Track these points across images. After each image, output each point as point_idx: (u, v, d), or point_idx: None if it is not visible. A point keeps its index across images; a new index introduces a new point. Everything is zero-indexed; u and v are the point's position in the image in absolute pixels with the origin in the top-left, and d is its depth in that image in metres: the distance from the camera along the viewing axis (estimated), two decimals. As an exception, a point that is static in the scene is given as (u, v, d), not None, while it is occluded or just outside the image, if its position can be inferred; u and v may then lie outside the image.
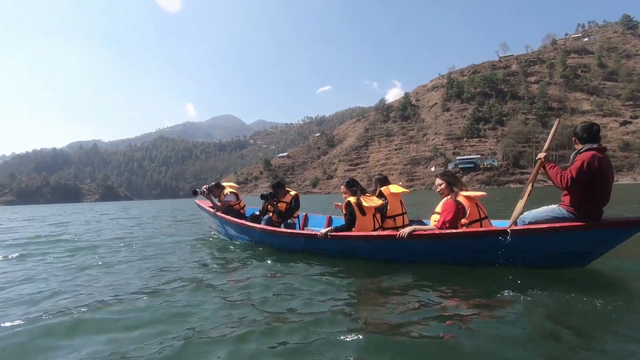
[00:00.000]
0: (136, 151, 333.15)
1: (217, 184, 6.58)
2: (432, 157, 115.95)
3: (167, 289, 3.21)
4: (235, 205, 6.31)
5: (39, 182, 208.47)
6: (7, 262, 5.05)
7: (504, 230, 3.37)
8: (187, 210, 20.55)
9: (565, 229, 3.18)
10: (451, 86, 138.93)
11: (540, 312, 2.37)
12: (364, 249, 4.14)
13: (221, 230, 6.41)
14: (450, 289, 2.97)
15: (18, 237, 8.43)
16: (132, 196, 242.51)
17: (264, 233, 5.15)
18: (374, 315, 2.42)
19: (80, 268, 4.38)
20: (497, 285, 2.99)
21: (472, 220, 3.53)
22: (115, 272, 4.09)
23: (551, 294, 2.69)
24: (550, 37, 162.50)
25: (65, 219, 16.13)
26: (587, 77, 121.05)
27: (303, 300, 2.79)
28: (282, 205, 5.73)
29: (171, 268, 4.18)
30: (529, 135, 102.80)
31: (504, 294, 2.73)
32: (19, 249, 6.22)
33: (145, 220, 13.47)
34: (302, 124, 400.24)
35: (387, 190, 4.44)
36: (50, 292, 3.27)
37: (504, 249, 3.37)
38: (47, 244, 6.91)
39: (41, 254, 5.54)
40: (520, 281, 3.03)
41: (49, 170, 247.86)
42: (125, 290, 3.29)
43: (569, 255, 3.34)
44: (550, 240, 3.27)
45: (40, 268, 4.47)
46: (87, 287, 3.47)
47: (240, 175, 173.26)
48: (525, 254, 3.39)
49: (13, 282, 3.76)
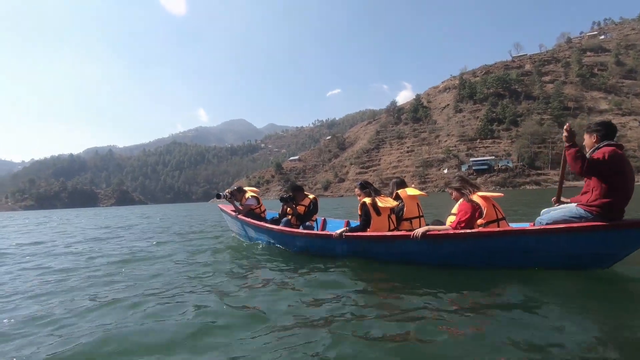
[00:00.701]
0: (150, 156, 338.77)
1: (239, 188, 6.74)
2: (445, 159, 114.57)
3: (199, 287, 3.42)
4: (256, 209, 6.49)
5: (57, 187, 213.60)
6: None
7: (522, 230, 3.32)
8: (205, 215, 20.66)
9: (587, 229, 3.06)
10: (463, 87, 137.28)
11: (557, 316, 2.31)
12: (379, 250, 4.12)
13: (242, 233, 6.56)
14: (462, 292, 2.90)
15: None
16: (146, 200, 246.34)
17: (282, 234, 5.28)
18: (390, 320, 2.37)
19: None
20: (513, 288, 2.93)
21: (489, 220, 3.48)
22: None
23: (570, 297, 2.67)
24: (565, 36, 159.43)
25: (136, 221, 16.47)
26: (605, 75, 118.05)
27: (313, 303, 2.81)
28: (301, 208, 5.83)
29: (196, 270, 4.31)
30: (544, 136, 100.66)
31: (522, 297, 2.69)
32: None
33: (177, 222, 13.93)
34: (313, 128, 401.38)
35: (403, 193, 4.46)
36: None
37: (522, 250, 3.31)
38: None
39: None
40: (540, 283, 2.96)
41: (66, 176, 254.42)
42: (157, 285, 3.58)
43: (590, 256, 3.21)
44: (572, 240, 3.16)
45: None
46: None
47: (252, 179, 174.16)
48: (544, 256, 3.30)
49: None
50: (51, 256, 6.03)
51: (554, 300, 2.56)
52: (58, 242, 8.19)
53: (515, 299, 2.67)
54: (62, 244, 7.86)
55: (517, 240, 3.32)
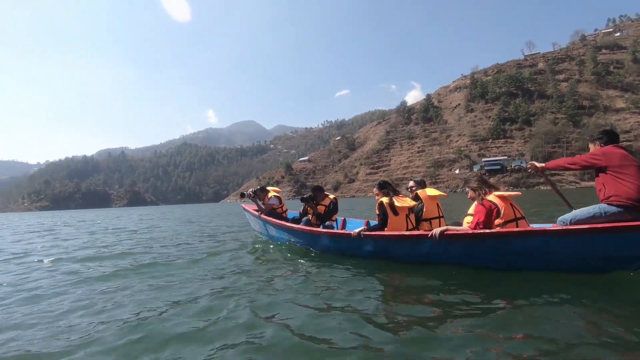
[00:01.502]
0: (161, 157, 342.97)
1: (262, 187, 6.93)
2: (456, 159, 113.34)
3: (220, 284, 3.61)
4: (278, 208, 6.66)
5: (71, 188, 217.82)
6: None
7: (543, 231, 3.19)
8: (222, 215, 20.74)
9: (619, 229, 2.86)
10: (475, 86, 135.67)
11: (584, 322, 2.23)
12: (397, 249, 4.12)
13: (264, 232, 6.74)
14: (480, 295, 2.81)
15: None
16: (157, 201, 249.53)
17: (302, 233, 5.38)
18: (406, 322, 2.36)
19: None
20: (533, 291, 2.82)
21: (507, 220, 3.41)
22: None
23: (601, 302, 2.58)
24: (579, 34, 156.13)
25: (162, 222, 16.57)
26: (621, 73, 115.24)
27: (328, 301, 2.86)
28: (321, 208, 5.96)
29: (220, 268, 4.48)
30: (559, 135, 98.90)
31: (542, 301, 2.60)
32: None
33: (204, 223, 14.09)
34: (322, 128, 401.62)
35: (423, 193, 4.47)
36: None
37: (543, 252, 3.20)
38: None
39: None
40: (564, 288, 2.86)
41: (80, 177, 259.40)
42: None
43: (624, 258, 3.01)
44: (597, 241, 2.99)
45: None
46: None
47: (262, 180, 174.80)
48: (567, 258, 3.16)
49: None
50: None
51: (586, 308, 2.46)
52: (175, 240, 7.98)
53: (533, 301, 2.58)
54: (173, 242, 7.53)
55: (537, 241, 3.20)
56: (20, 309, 3.05)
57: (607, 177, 3.13)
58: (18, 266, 5.27)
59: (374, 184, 4.66)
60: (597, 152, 3.23)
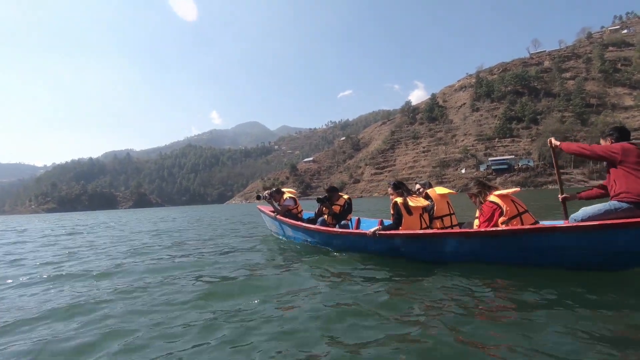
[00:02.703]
0: (166, 159, 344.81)
1: (277, 189, 7.09)
2: (462, 158, 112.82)
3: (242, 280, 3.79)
4: (294, 209, 6.85)
5: (78, 190, 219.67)
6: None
7: (552, 227, 3.20)
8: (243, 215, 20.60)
9: (625, 225, 2.83)
10: (480, 85, 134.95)
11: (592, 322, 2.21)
12: (411, 248, 4.22)
13: (280, 232, 6.92)
14: (492, 292, 2.88)
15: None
16: (163, 203, 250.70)
17: (318, 232, 5.52)
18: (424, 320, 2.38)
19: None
20: (544, 288, 2.84)
21: (510, 216, 3.49)
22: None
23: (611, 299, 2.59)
24: (586, 31, 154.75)
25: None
26: (629, 70, 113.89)
27: (342, 299, 2.91)
28: (336, 207, 6.14)
29: (246, 265, 4.63)
30: (566, 134, 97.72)
31: (555, 298, 2.64)
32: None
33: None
34: (326, 129, 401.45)
35: (433, 192, 4.61)
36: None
37: (554, 248, 3.22)
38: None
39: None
40: (573, 285, 2.90)
41: (87, 179, 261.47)
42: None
43: (630, 255, 2.98)
44: (608, 237, 2.95)
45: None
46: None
47: (267, 181, 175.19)
48: (578, 254, 3.15)
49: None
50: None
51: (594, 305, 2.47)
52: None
53: (543, 300, 2.60)
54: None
55: (547, 238, 3.22)
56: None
57: (619, 172, 3.14)
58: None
59: (389, 183, 4.72)
60: (615, 146, 3.20)
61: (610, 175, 3.23)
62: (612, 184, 3.19)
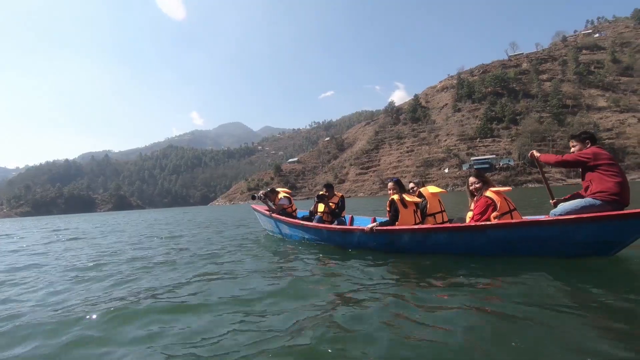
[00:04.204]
0: (146, 160, 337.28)
1: (272, 189, 7.28)
2: (445, 158, 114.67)
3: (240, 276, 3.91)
4: (288, 208, 7.04)
5: (53, 193, 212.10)
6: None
7: (538, 221, 3.60)
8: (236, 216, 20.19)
9: (599, 218, 3.29)
10: (462, 86, 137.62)
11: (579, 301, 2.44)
12: (407, 242, 4.43)
13: (276, 230, 7.08)
14: (483, 281, 3.09)
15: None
16: (144, 205, 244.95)
17: (316, 230, 5.72)
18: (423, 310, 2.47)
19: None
20: (530, 276, 3.08)
21: (502, 212, 3.83)
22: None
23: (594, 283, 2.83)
24: (560, 35, 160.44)
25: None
26: (602, 73, 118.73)
27: (345, 293, 3.01)
28: (332, 205, 6.47)
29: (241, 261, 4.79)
30: (544, 134, 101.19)
31: (544, 284, 2.87)
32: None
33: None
34: (310, 129, 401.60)
35: (425, 191, 4.92)
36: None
37: (538, 239, 3.60)
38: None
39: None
40: (558, 272, 3.17)
41: (63, 181, 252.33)
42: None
43: (601, 244, 3.45)
44: (584, 229, 3.40)
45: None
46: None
47: (251, 182, 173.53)
48: (558, 244, 3.56)
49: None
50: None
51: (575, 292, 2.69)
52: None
53: (528, 287, 2.83)
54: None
55: (533, 231, 3.60)
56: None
57: (594, 174, 3.56)
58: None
59: (390, 180, 4.90)
60: (587, 151, 3.61)
61: (587, 176, 3.64)
62: (589, 184, 3.59)
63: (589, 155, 3.56)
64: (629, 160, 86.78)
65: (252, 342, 2.07)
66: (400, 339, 2.00)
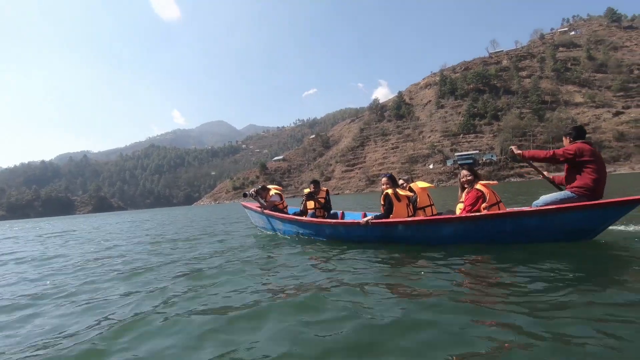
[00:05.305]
0: (127, 160, 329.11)
1: (263, 186, 7.45)
2: (430, 154, 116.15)
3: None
4: (280, 205, 7.20)
5: (30, 195, 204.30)
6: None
7: (524, 212, 3.96)
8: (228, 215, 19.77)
9: (577, 208, 3.71)
10: (444, 83, 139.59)
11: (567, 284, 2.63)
12: (402, 233, 4.66)
13: (268, 226, 7.23)
14: (480, 268, 3.34)
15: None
16: (125, 206, 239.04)
17: (312, 224, 5.87)
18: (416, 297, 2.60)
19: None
20: (516, 261, 3.34)
21: (491, 204, 4.17)
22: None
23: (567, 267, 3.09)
24: (538, 32, 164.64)
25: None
26: (578, 69, 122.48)
27: (345, 282, 3.12)
28: (321, 200, 6.65)
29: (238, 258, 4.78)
30: (525, 129, 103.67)
31: (523, 269, 3.09)
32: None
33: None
34: (294, 127, 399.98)
35: (415, 186, 5.28)
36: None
37: (524, 228, 3.95)
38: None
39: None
40: (549, 255, 3.45)
41: (39, 184, 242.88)
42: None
43: (580, 231, 3.86)
44: (565, 218, 3.79)
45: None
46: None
47: (237, 180, 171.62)
48: (542, 232, 3.91)
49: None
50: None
51: (559, 273, 2.92)
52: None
53: (516, 270, 3.08)
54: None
55: (520, 220, 3.96)
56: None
57: (575, 169, 3.94)
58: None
59: (385, 175, 5.07)
60: (571, 148, 3.93)
61: (568, 170, 4.02)
62: (570, 177, 3.98)
63: (572, 151, 3.91)
64: (605, 154, 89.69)
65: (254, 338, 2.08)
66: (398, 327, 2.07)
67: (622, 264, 3.12)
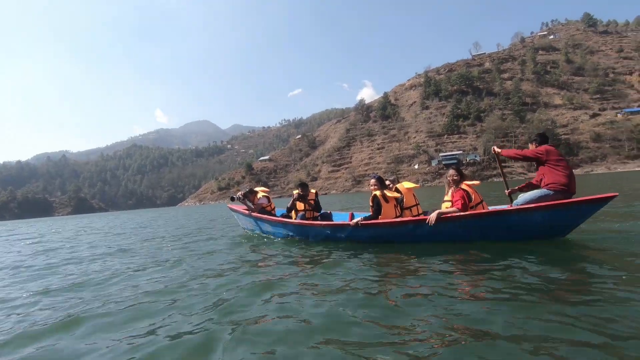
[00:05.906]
0: (108, 160, 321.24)
1: (250, 189, 7.38)
2: (415, 154, 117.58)
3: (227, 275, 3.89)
4: (267, 207, 7.23)
5: (5, 197, 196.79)
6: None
7: (508, 210, 4.13)
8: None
9: (554, 207, 3.93)
10: (429, 85, 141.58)
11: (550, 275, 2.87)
12: (391, 234, 4.81)
13: (256, 228, 7.28)
14: (465, 266, 3.47)
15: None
16: (106, 207, 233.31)
17: (301, 226, 5.97)
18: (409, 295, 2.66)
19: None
20: (501, 258, 3.52)
21: (475, 203, 4.37)
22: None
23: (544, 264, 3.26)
24: (519, 36, 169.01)
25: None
26: (557, 72, 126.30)
27: (338, 286, 3.10)
28: (311, 201, 6.64)
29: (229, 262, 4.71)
30: (507, 130, 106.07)
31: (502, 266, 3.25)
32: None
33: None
34: (280, 127, 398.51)
35: (401, 187, 5.44)
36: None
37: (507, 225, 4.15)
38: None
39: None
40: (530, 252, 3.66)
41: (15, 184, 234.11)
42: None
43: (556, 227, 4.09)
44: (542, 216, 4.00)
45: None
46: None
47: (222, 181, 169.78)
48: (522, 229, 4.12)
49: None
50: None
51: (538, 268, 3.13)
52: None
53: (497, 267, 3.24)
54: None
55: (502, 219, 4.17)
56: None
57: (546, 169, 4.26)
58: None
59: (372, 176, 5.15)
60: (541, 149, 4.32)
61: (540, 170, 4.33)
62: (542, 177, 4.27)
63: (542, 152, 4.28)
64: (583, 154, 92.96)
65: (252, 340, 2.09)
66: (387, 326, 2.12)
67: (594, 260, 3.30)
